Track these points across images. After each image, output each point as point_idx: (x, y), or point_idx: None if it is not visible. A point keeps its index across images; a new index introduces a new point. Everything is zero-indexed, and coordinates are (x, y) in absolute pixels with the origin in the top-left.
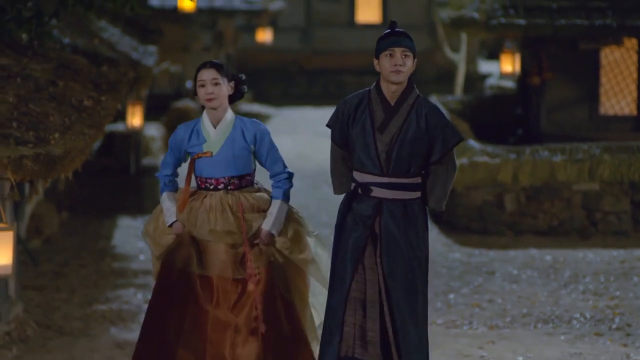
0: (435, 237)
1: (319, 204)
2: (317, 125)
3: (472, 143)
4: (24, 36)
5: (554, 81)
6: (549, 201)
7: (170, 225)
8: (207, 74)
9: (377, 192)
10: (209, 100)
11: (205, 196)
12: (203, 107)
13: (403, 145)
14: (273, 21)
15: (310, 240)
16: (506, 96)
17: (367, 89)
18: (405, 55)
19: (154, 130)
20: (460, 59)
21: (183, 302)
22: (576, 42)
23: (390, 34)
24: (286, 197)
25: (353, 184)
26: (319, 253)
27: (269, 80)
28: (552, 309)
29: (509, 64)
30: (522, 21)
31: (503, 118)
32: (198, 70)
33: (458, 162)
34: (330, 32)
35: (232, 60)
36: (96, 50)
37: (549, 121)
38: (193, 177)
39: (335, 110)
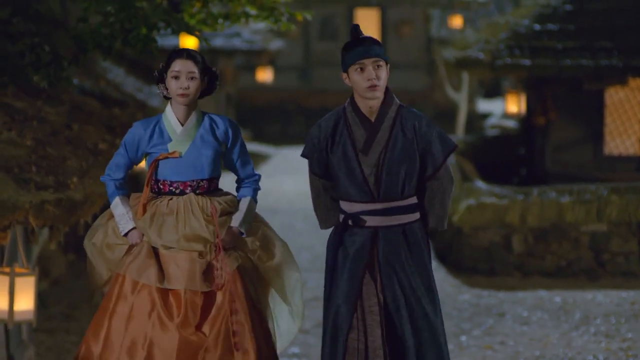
0: (443, 278)
1: (324, 244)
2: None
3: (480, 184)
4: (43, 82)
5: (558, 121)
6: (556, 242)
7: (126, 234)
8: (184, 66)
9: (370, 221)
10: (182, 95)
11: (171, 199)
12: (166, 98)
13: (392, 164)
14: (272, 60)
15: (278, 246)
16: (509, 136)
17: (341, 107)
18: (378, 66)
19: None
20: (461, 98)
21: (142, 322)
22: (581, 82)
23: (355, 43)
24: (255, 197)
25: (342, 216)
26: (287, 262)
27: (268, 119)
28: (565, 351)
29: (514, 104)
30: (527, 61)
31: (506, 158)
32: (172, 58)
33: (465, 203)
34: (329, 71)
35: (232, 99)
36: (104, 92)
37: (553, 161)
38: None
39: (309, 137)
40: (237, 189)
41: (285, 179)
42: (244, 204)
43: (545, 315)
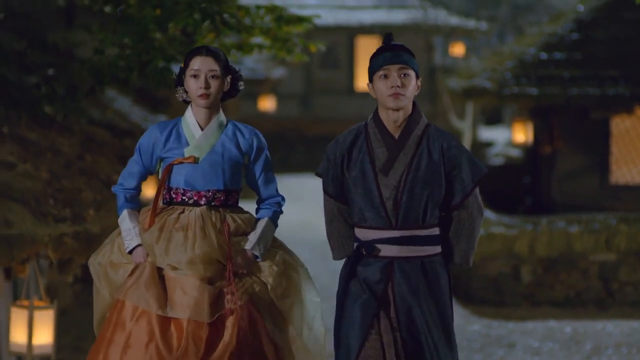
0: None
1: (330, 275)
2: (320, 194)
3: (488, 214)
4: (59, 114)
5: (564, 150)
6: (565, 272)
7: (131, 252)
8: (204, 63)
9: (385, 251)
10: (203, 96)
11: (182, 211)
12: (185, 102)
13: (414, 188)
14: (274, 89)
15: (301, 272)
16: (514, 165)
17: (364, 122)
18: (405, 75)
19: None
20: (466, 126)
21: (138, 354)
22: (588, 111)
23: (383, 49)
24: (275, 219)
25: (356, 244)
26: (308, 287)
27: (269, 148)
28: None
29: (521, 133)
30: (534, 90)
31: (511, 187)
32: (191, 55)
33: None
34: (330, 99)
35: None
36: (112, 122)
37: (559, 190)
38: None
39: (325, 154)
40: (257, 211)
41: (288, 208)
42: (260, 225)
43: (556, 346)
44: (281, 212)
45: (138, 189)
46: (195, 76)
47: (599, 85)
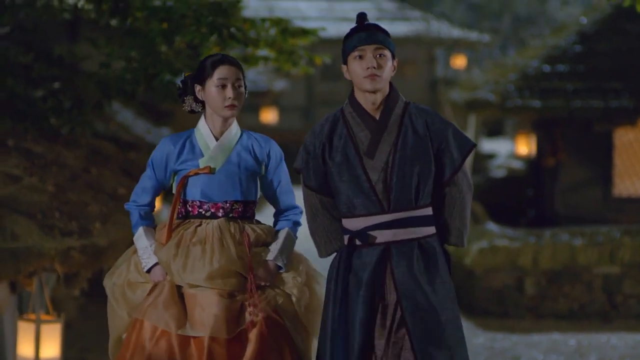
0: None
1: None
2: None
3: (492, 226)
4: (65, 127)
5: (567, 162)
6: (569, 284)
7: (149, 270)
8: (231, 72)
9: (380, 237)
10: (231, 107)
11: (199, 224)
12: (192, 112)
13: (403, 167)
14: (275, 101)
15: (323, 285)
16: (516, 177)
17: (339, 108)
18: (381, 55)
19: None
20: None
21: None
22: (591, 123)
23: (357, 29)
24: (295, 230)
25: (346, 237)
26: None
27: None
28: None
29: (525, 145)
30: (537, 103)
31: (514, 199)
32: (215, 64)
33: (477, 245)
34: (331, 111)
35: None
36: (116, 135)
37: (562, 202)
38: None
39: (303, 146)
40: (275, 223)
41: None
42: (282, 235)
43: (560, 359)
44: (300, 224)
45: (152, 205)
46: (222, 86)
47: (602, 98)
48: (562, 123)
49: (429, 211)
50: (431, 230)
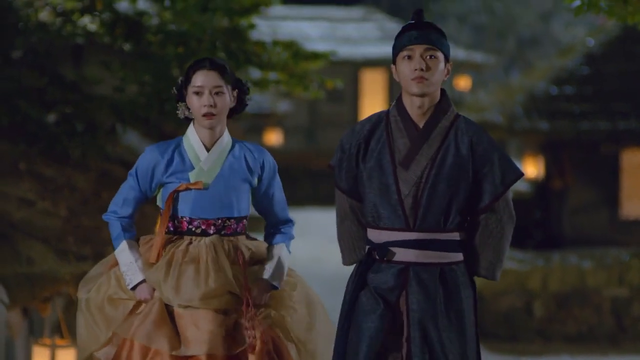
0: None
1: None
2: (327, 229)
3: None
4: (76, 150)
5: (575, 184)
6: (578, 307)
7: (134, 288)
8: (207, 79)
9: (401, 255)
10: (208, 116)
11: (190, 242)
12: (187, 120)
13: (437, 185)
14: (279, 122)
15: (319, 309)
16: (523, 200)
17: (386, 109)
18: (431, 57)
19: None
20: None
21: None
22: (598, 145)
23: (409, 27)
24: (289, 244)
25: (367, 247)
26: (325, 326)
27: None
28: None
29: (533, 167)
30: (545, 124)
31: (521, 221)
32: (193, 69)
33: None
34: (335, 132)
35: None
36: (123, 157)
37: (569, 225)
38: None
39: (340, 144)
40: (268, 236)
41: (295, 243)
42: (277, 252)
43: None
44: (294, 237)
45: (134, 217)
46: (197, 93)
47: (609, 120)
48: (569, 145)
49: (456, 236)
50: (458, 257)
